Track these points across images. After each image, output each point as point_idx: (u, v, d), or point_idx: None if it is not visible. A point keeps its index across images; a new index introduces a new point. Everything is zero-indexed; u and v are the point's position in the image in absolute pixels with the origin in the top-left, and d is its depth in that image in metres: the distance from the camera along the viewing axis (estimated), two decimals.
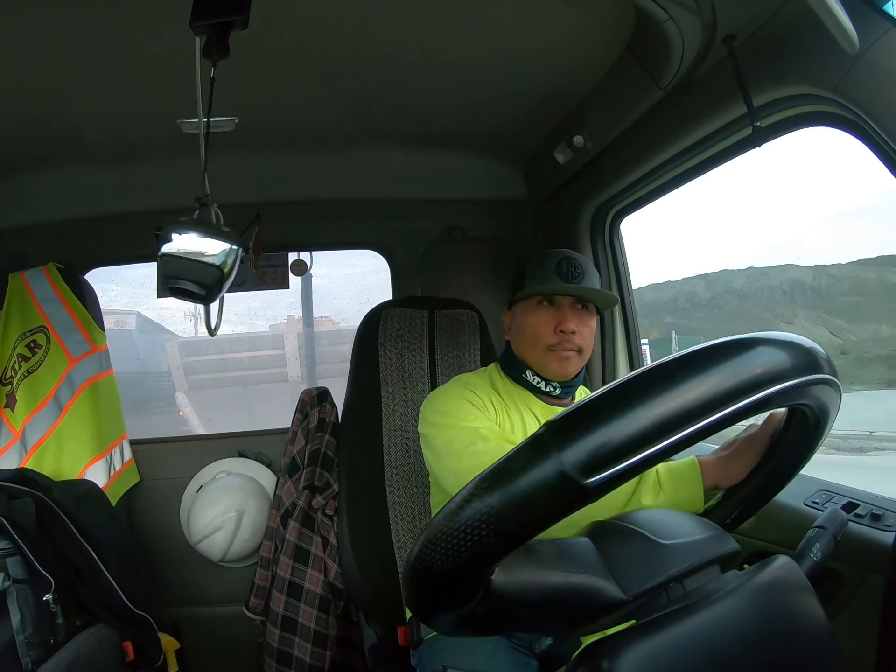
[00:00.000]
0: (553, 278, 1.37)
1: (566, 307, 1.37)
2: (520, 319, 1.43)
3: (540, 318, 1.38)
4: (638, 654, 0.54)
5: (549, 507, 0.48)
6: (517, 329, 1.44)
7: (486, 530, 0.49)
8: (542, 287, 1.38)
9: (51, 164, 1.88)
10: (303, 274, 2.22)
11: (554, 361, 1.37)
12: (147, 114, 1.60)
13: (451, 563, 0.51)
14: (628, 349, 1.99)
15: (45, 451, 1.95)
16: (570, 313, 1.37)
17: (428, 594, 0.55)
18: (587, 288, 1.38)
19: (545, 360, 1.38)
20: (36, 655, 1.51)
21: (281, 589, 1.84)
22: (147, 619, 1.76)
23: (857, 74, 0.97)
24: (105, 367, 2.07)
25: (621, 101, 1.52)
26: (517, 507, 0.48)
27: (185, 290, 1.18)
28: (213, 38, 1.03)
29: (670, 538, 0.63)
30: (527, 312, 1.41)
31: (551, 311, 1.38)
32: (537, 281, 1.39)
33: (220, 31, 1.01)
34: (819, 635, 0.59)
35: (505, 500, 0.48)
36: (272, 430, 2.19)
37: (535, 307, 1.40)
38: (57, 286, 2.02)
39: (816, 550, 0.75)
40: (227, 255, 1.17)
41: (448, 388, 1.41)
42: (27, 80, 1.41)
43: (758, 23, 1.13)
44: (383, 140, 1.92)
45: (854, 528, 1.11)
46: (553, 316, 1.37)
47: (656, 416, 0.47)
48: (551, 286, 1.38)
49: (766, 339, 0.53)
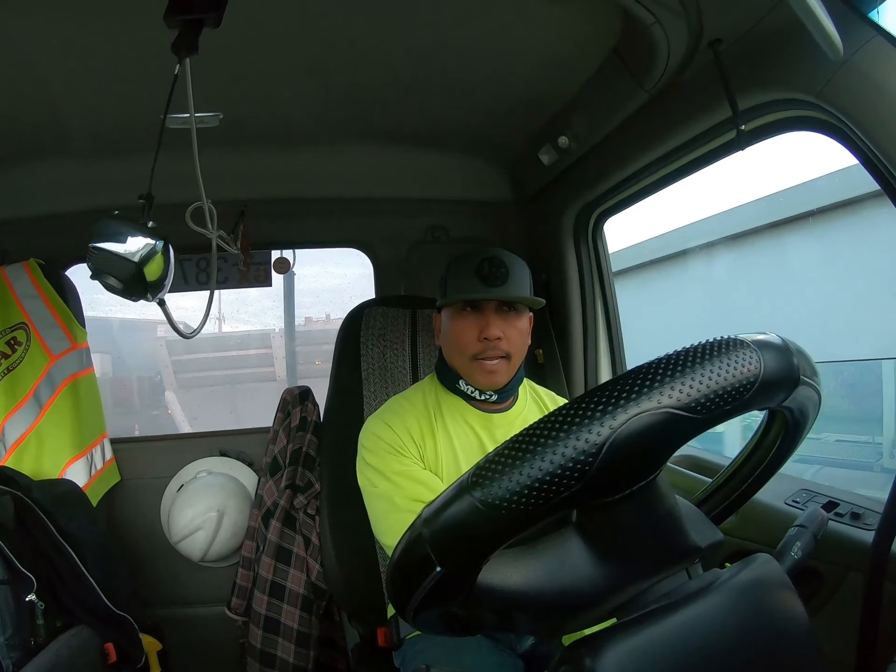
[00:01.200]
0: (474, 281, 1.31)
1: (490, 311, 1.32)
2: (445, 325, 1.39)
3: (463, 325, 1.33)
4: (620, 652, 0.54)
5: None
6: (444, 335, 1.40)
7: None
8: (460, 296, 1.34)
9: (32, 159, 1.85)
10: (286, 272, 2.21)
11: (479, 373, 1.33)
12: (129, 109, 1.59)
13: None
14: (611, 352, 1.99)
15: (24, 449, 1.93)
16: (494, 318, 1.31)
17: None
18: (502, 294, 1.32)
19: (471, 370, 1.34)
20: (16, 657, 1.50)
21: (263, 589, 1.84)
22: (128, 620, 1.75)
23: (841, 80, 0.98)
24: (86, 364, 2.05)
25: (607, 103, 1.52)
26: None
27: (109, 284, 1.17)
28: (183, 34, 1.02)
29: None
30: (451, 318, 1.36)
31: (475, 316, 1.33)
32: (458, 286, 1.35)
33: (192, 27, 1.00)
34: (799, 633, 0.60)
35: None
36: (254, 430, 2.18)
37: (458, 313, 1.35)
38: (37, 282, 1.99)
39: (797, 549, 0.75)
40: (146, 251, 1.16)
41: (375, 426, 1.37)
42: (7, 75, 1.39)
43: (744, 28, 1.14)
44: (368, 139, 1.91)
45: (834, 526, 1.13)
46: (476, 322, 1.32)
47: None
48: (468, 294, 1.33)
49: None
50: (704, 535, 0.63)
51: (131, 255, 1.15)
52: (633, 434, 0.49)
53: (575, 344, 1.99)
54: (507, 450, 0.51)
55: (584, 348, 1.99)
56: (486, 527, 0.51)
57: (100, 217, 1.17)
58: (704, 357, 0.53)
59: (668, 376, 0.51)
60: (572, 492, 0.49)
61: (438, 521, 0.53)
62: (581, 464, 0.49)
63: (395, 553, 0.56)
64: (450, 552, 0.52)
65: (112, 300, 3.27)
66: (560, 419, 0.51)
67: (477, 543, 0.52)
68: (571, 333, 1.99)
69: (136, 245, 1.16)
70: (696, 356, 0.53)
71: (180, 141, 1.18)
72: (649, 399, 0.50)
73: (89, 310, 2.17)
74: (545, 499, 0.49)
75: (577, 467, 0.49)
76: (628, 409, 0.50)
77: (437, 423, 1.38)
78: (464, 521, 0.51)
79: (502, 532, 0.51)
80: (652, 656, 0.55)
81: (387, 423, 1.35)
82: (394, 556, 0.56)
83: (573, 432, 0.49)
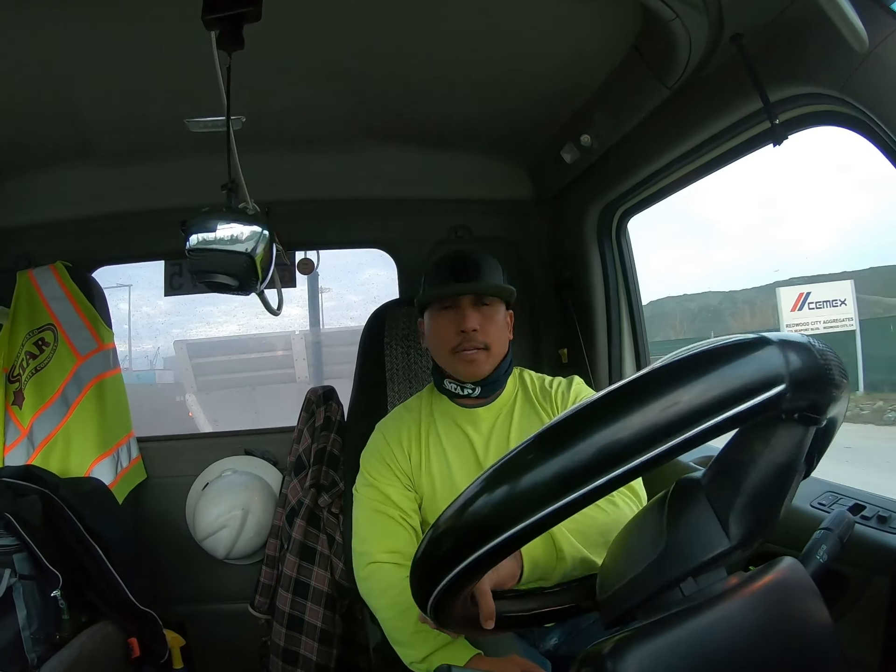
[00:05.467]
0: (448, 280, 1.37)
1: (466, 306, 1.36)
2: (428, 325, 1.43)
3: (442, 321, 1.38)
4: (641, 654, 0.53)
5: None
6: (428, 335, 1.44)
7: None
8: (433, 291, 1.39)
9: (58, 164, 1.89)
10: (310, 272, 2.22)
11: (460, 364, 1.37)
12: (154, 113, 1.61)
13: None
14: (635, 349, 1.98)
15: (52, 448, 1.97)
16: (469, 312, 1.35)
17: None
18: (474, 287, 1.37)
19: (453, 363, 1.38)
20: (41, 651, 1.52)
21: (287, 587, 1.85)
22: (152, 616, 1.77)
23: (866, 73, 0.96)
24: (112, 364, 2.08)
25: (628, 100, 1.51)
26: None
27: (220, 283, 1.11)
28: (226, 30, 1.03)
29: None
30: (431, 317, 1.41)
31: (452, 312, 1.37)
32: (434, 286, 1.40)
33: (234, 22, 1.01)
34: (823, 638, 0.58)
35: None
36: (278, 429, 2.19)
37: (437, 312, 1.40)
38: (64, 284, 2.03)
39: (822, 552, 0.74)
40: (256, 239, 1.09)
41: (374, 436, 1.45)
42: (34, 80, 1.42)
43: (765, 21, 1.12)
44: (390, 140, 1.92)
45: (860, 530, 1.09)
46: (454, 317, 1.36)
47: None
48: (441, 288, 1.38)
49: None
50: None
51: (240, 246, 1.09)
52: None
53: (599, 343, 1.98)
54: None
55: (608, 347, 1.98)
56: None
57: (190, 216, 1.10)
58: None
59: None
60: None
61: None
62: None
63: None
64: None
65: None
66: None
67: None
68: (596, 332, 1.99)
69: (243, 235, 1.09)
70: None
71: (210, 143, 1.18)
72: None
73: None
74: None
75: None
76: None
77: (429, 430, 1.42)
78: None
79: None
80: (674, 659, 0.54)
81: (383, 434, 1.43)
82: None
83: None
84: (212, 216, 1.10)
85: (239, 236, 1.08)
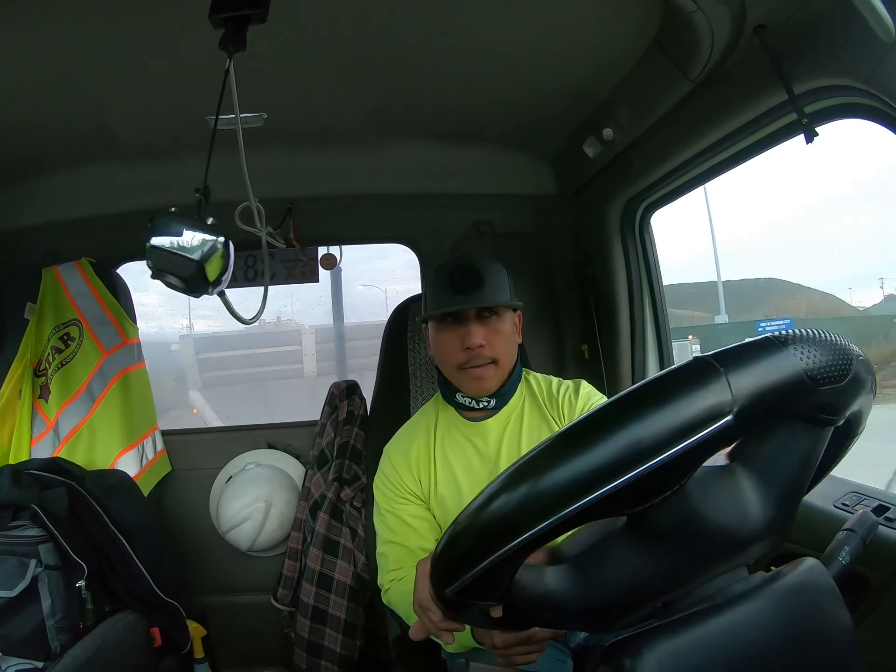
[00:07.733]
0: (449, 292, 1.29)
1: (470, 320, 1.29)
2: (432, 337, 1.37)
3: (446, 336, 1.31)
4: (661, 653, 0.53)
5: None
6: (432, 348, 1.38)
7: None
8: (435, 311, 1.32)
9: (82, 162, 1.91)
10: (332, 268, 2.23)
11: (468, 382, 1.31)
12: (176, 111, 1.62)
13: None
14: (658, 347, 1.97)
15: (77, 440, 1.99)
16: (474, 326, 1.28)
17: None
18: (476, 301, 1.28)
19: (460, 380, 1.32)
20: (65, 640, 1.55)
21: (311, 580, 1.87)
22: (175, 607, 1.80)
23: (892, 64, 0.94)
24: (137, 359, 2.10)
25: (650, 93, 1.50)
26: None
27: (170, 283, 1.14)
28: (229, 31, 1.02)
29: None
30: (435, 330, 1.35)
31: (456, 326, 1.30)
32: (435, 300, 1.33)
33: (238, 24, 1.01)
34: (843, 641, 0.58)
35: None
36: (301, 423, 2.20)
37: (440, 325, 1.33)
38: (89, 280, 2.05)
39: (845, 554, 0.73)
40: (207, 248, 1.11)
41: (383, 461, 1.42)
42: (57, 80, 1.43)
43: (788, 12, 1.10)
44: (411, 135, 1.92)
45: (884, 531, 1.08)
46: (458, 332, 1.29)
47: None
48: (444, 308, 1.30)
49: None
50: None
51: (192, 253, 1.11)
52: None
53: (622, 339, 1.98)
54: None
55: (631, 343, 1.97)
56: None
57: (156, 214, 1.14)
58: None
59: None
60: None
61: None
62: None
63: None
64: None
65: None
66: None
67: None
68: (619, 328, 1.98)
69: (196, 243, 1.12)
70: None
71: (226, 141, 1.19)
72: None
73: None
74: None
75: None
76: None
77: (436, 447, 1.38)
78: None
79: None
80: (692, 658, 0.54)
81: (391, 458, 1.40)
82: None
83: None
84: (176, 219, 1.13)
85: (194, 243, 1.12)
